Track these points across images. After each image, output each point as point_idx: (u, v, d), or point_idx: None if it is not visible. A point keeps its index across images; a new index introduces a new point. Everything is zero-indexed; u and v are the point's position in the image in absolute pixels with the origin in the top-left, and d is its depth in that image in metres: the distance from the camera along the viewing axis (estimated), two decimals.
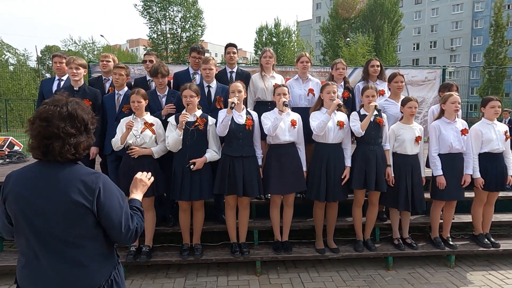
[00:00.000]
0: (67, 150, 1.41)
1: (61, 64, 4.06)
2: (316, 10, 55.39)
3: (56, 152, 1.40)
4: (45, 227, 1.40)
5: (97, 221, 1.46)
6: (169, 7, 29.21)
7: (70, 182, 1.41)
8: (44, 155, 1.42)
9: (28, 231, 1.42)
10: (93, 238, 1.48)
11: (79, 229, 1.43)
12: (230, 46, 4.23)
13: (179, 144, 3.39)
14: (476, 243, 4.02)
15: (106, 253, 1.54)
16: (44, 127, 1.38)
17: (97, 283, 1.48)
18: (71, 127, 1.41)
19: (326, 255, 3.77)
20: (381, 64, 4.41)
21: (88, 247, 1.47)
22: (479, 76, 30.17)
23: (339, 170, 3.63)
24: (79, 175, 1.44)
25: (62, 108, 1.42)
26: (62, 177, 1.42)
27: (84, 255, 1.45)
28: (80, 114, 1.45)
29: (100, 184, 1.45)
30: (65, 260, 1.43)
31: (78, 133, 1.44)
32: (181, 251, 3.67)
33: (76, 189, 1.40)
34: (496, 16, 27.54)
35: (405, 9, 44.24)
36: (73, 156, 1.44)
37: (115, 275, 1.56)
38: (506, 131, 3.86)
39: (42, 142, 1.39)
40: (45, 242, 1.41)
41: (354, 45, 26.11)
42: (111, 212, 1.46)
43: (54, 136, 1.38)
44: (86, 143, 1.49)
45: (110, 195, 1.47)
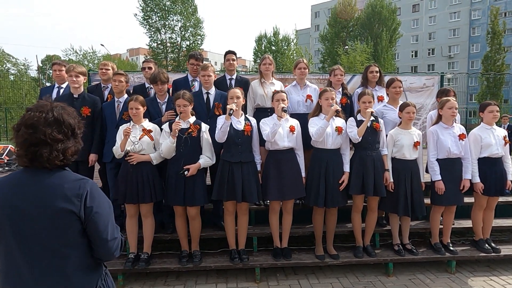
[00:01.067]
0: (55, 156, 1.38)
1: (61, 72, 4.09)
2: (315, 19, 55.94)
3: (44, 159, 1.37)
4: (31, 234, 1.36)
5: (83, 229, 1.42)
6: (168, 17, 29.52)
7: (57, 188, 1.38)
8: (31, 162, 1.38)
9: (13, 240, 1.37)
10: (79, 247, 1.43)
11: (66, 237, 1.39)
12: (229, 54, 4.27)
13: (173, 151, 3.41)
14: (477, 248, 4.00)
15: (92, 264, 1.49)
16: (31, 134, 1.35)
17: None
18: (58, 132, 1.38)
19: (326, 261, 3.75)
20: (380, 70, 4.44)
21: (73, 256, 1.42)
22: (478, 83, 30.36)
23: (338, 176, 3.62)
24: (66, 181, 1.41)
25: (47, 114, 1.38)
26: (49, 183, 1.39)
27: (69, 265, 1.41)
28: (66, 119, 1.42)
29: (87, 188, 1.42)
30: (49, 269, 1.38)
31: (65, 138, 1.41)
32: (179, 258, 3.65)
33: (63, 194, 1.37)
34: (492, 23, 27.83)
35: (402, 17, 44.77)
36: (61, 162, 1.41)
37: (101, 286, 1.51)
38: (505, 136, 3.87)
39: (29, 150, 1.36)
40: (30, 250, 1.37)
41: (353, 53, 26.32)
42: (97, 218, 1.42)
43: (41, 143, 1.35)
44: (74, 148, 1.45)
45: (98, 201, 1.44)
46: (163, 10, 29.31)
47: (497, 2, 41.53)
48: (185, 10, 29.76)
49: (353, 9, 33.25)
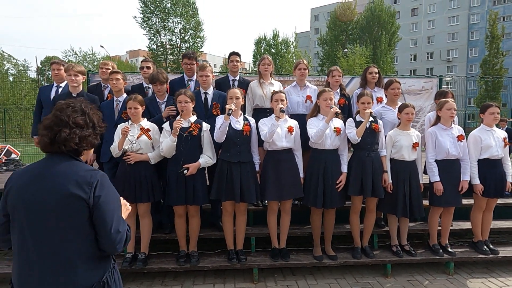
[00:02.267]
0: (71, 138, 1.49)
1: (59, 71, 4.08)
2: (314, 22, 56.15)
3: (62, 139, 1.48)
4: (42, 218, 1.43)
5: (91, 218, 1.47)
6: (168, 19, 29.58)
7: (69, 175, 1.46)
8: (51, 142, 1.49)
9: (26, 226, 1.44)
10: (87, 236, 1.48)
11: (74, 225, 1.45)
12: (233, 55, 4.28)
13: (173, 150, 3.39)
14: (475, 250, 3.99)
15: (99, 256, 1.53)
16: (57, 115, 1.51)
17: (88, 283, 1.47)
18: (80, 119, 1.53)
19: (324, 262, 3.74)
20: (379, 71, 4.45)
21: (82, 245, 1.47)
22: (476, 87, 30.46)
23: (336, 177, 3.62)
24: (79, 170, 1.50)
25: (75, 104, 1.57)
26: (62, 170, 1.48)
27: (77, 253, 1.46)
28: (90, 113, 1.59)
29: (98, 178, 1.50)
30: (57, 256, 1.43)
31: (85, 126, 1.55)
32: (177, 258, 3.63)
33: (74, 181, 1.45)
34: (491, 27, 27.98)
35: (401, 21, 44.90)
36: (76, 146, 1.51)
37: (108, 277, 1.54)
38: (505, 137, 3.87)
39: (52, 130, 1.49)
40: (40, 237, 1.43)
41: (352, 56, 26.41)
42: (105, 208, 1.48)
43: (64, 124, 1.49)
44: (91, 139, 1.57)
45: (107, 191, 1.51)
46: (163, 12, 29.37)
47: (496, 7, 41.80)
48: (186, 13, 29.82)
49: (352, 13, 33.39)
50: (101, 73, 4.28)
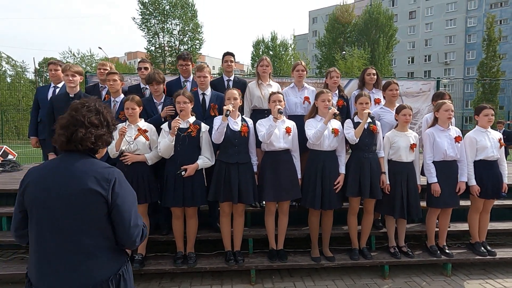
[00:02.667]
0: (88, 138, 1.53)
1: (57, 71, 4.06)
2: (313, 25, 56.34)
3: (78, 138, 1.52)
4: (61, 214, 1.47)
5: (109, 213, 1.52)
6: (167, 21, 29.58)
7: (88, 171, 1.51)
8: (68, 141, 1.53)
9: (44, 220, 1.48)
10: (106, 230, 1.53)
11: (93, 218, 1.49)
12: (227, 55, 4.28)
13: (171, 150, 3.38)
14: (473, 251, 4.00)
15: (116, 249, 1.59)
16: (73, 115, 1.55)
17: (106, 275, 1.51)
18: (95, 119, 1.58)
19: (322, 263, 3.73)
20: (377, 72, 4.46)
21: (99, 238, 1.52)
22: (473, 89, 30.60)
23: (334, 178, 3.61)
24: (96, 167, 1.54)
25: (90, 103, 1.61)
26: (80, 166, 1.52)
27: (95, 246, 1.50)
28: (104, 112, 1.63)
29: (116, 176, 1.55)
30: (76, 250, 1.47)
31: (100, 125, 1.59)
32: (174, 260, 3.61)
33: (93, 178, 1.49)
34: (488, 31, 28.13)
35: (399, 23, 45.14)
36: (92, 145, 1.56)
37: (124, 271, 1.60)
38: (500, 138, 3.88)
39: (68, 130, 1.53)
40: (59, 231, 1.47)
41: (350, 58, 26.47)
42: (123, 205, 1.53)
43: (80, 124, 1.53)
44: (106, 138, 1.62)
45: (124, 188, 1.57)
46: (162, 14, 29.37)
47: (493, 10, 42.07)
48: (184, 15, 29.84)
49: (350, 15, 33.53)
50: (98, 73, 4.28)
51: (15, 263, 3.70)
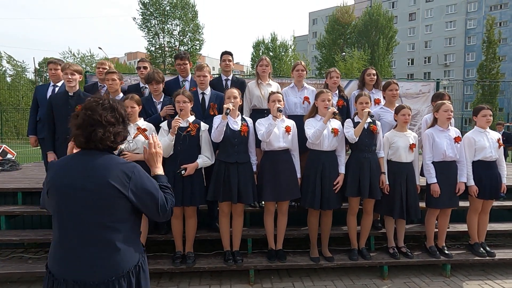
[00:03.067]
0: (107, 137, 1.56)
1: (56, 70, 4.05)
2: (313, 26, 56.40)
3: (97, 138, 1.54)
4: (84, 210, 1.51)
5: (132, 206, 1.57)
6: (167, 21, 29.60)
7: (109, 168, 1.54)
8: (87, 141, 1.55)
9: (67, 215, 1.52)
10: (127, 223, 1.58)
11: (115, 213, 1.54)
12: (225, 54, 4.27)
13: (170, 150, 3.37)
14: (472, 252, 3.99)
15: (136, 240, 1.65)
16: (89, 115, 1.55)
17: (127, 267, 1.56)
18: (111, 117, 1.58)
19: (321, 263, 3.72)
20: (377, 73, 4.47)
21: (121, 231, 1.55)
22: (473, 91, 30.63)
23: (334, 178, 3.61)
24: (117, 163, 1.57)
25: (104, 101, 1.61)
26: (101, 163, 1.55)
27: (117, 239, 1.54)
28: (119, 108, 1.64)
29: (135, 171, 1.58)
30: (99, 242, 1.52)
31: (117, 123, 1.60)
32: (173, 259, 3.61)
33: (114, 174, 1.53)
34: (488, 33, 28.17)
35: (399, 25, 45.19)
36: (112, 143, 1.59)
37: (142, 262, 1.65)
38: (498, 138, 3.88)
39: (86, 130, 1.54)
40: (82, 225, 1.51)
41: (350, 60, 26.48)
42: (146, 199, 1.58)
43: (97, 124, 1.54)
44: (123, 133, 1.64)
45: (145, 182, 1.60)
46: (163, 15, 29.39)
47: (492, 12, 42.14)
48: (185, 15, 29.86)
49: (350, 16, 33.56)
50: (97, 72, 4.28)
51: (13, 262, 3.69)
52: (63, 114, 3.64)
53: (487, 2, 45.23)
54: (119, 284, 1.52)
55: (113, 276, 1.52)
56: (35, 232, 4.01)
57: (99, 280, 1.50)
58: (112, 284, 1.51)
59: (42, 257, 3.87)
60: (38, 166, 6.41)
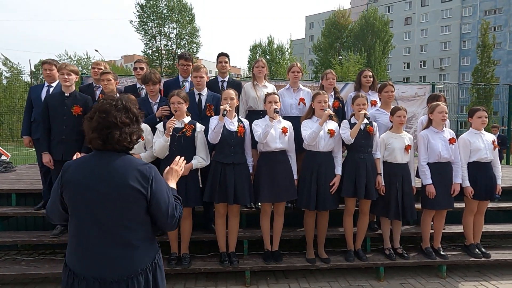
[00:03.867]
0: (124, 138, 1.58)
1: (51, 71, 4.02)
2: (309, 30, 56.68)
3: (114, 140, 1.56)
4: (103, 210, 1.54)
5: (147, 207, 1.60)
6: (164, 24, 29.63)
7: (128, 169, 1.57)
8: (104, 143, 1.57)
9: (85, 214, 1.54)
10: (144, 223, 1.62)
11: (133, 213, 1.57)
12: (222, 56, 4.28)
13: (166, 150, 3.36)
14: (467, 253, 4.00)
15: (152, 239, 1.68)
16: (104, 118, 1.56)
17: (144, 264, 1.60)
18: (126, 117, 1.60)
19: (317, 265, 3.71)
20: (373, 75, 4.50)
21: (138, 230, 1.59)
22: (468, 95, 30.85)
23: (330, 179, 3.61)
24: (135, 164, 1.60)
25: (117, 102, 1.61)
26: (119, 164, 1.58)
27: (135, 238, 1.58)
28: (131, 107, 1.64)
29: (153, 173, 1.61)
30: (117, 241, 1.55)
31: (131, 123, 1.62)
32: (168, 261, 3.58)
33: (133, 176, 1.56)
34: (482, 37, 28.44)
35: (395, 29, 45.57)
36: (128, 144, 1.61)
37: (158, 259, 1.69)
38: (493, 140, 3.91)
39: (102, 132, 1.56)
40: (101, 224, 1.54)
41: (346, 63, 26.62)
42: (160, 200, 1.61)
43: (113, 126, 1.56)
44: (138, 133, 1.66)
45: (161, 184, 1.64)
46: (160, 18, 29.41)
47: (487, 17, 42.58)
48: (182, 18, 29.90)
49: (347, 20, 33.79)
50: (93, 73, 4.26)
51: (6, 265, 3.65)
52: (59, 115, 3.62)
53: (482, 7, 45.74)
54: (137, 281, 1.57)
55: (131, 273, 1.56)
56: (28, 234, 3.97)
57: (118, 277, 1.54)
58: (131, 280, 1.56)
59: (35, 259, 3.83)
60: (33, 168, 6.35)
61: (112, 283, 1.53)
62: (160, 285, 1.68)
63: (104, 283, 1.53)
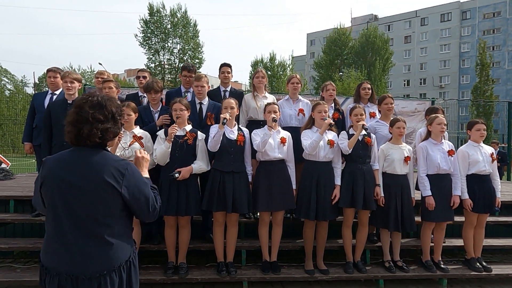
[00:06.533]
0: (94, 134, 1.58)
1: (55, 79, 4.09)
2: (310, 46, 57.52)
3: (85, 135, 1.57)
4: (78, 204, 1.55)
5: (124, 203, 1.61)
6: (168, 39, 30.10)
7: (103, 165, 1.58)
8: (76, 138, 1.59)
9: (61, 209, 1.55)
10: (119, 219, 1.62)
11: (108, 208, 1.57)
12: (224, 66, 4.36)
13: (167, 157, 3.37)
14: (468, 267, 3.95)
15: (128, 236, 1.68)
16: (77, 113, 1.59)
17: (118, 262, 1.59)
18: (99, 114, 1.59)
19: (316, 276, 3.66)
20: (372, 87, 4.55)
21: (113, 227, 1.59)
22: (468, 112, 31.00)
23: (329, 189, 3.61)
24: (110, 160, 1.61)
25: (93, 98, 1.63)
26: (96, 160, 1.59)
27: (110, 234, 1.58)
28: (108, 104, 1.64)
29: (128, 169, 1.62)
30: (92, 237, 1.55)
31: (105, 120, 1.61)
32: (165, 270, 3.54)
33: (108, 171, 1.57)
34: (481, 56, 28.82)
35: (395, 47, 46.20)
36: (100, 140, 1.60)
37: (133, 258, 1.68)
38: (492, 153, 3.92)
39: (75, 127, 1.58)
40: (76, 219, 1.55)
41: (347, 80, 26.91)
42: (138, 195, 1.62)
43: (84, 121, 1.57)
44: (113, 130, 1.66)
45: (137, 179, 1.64)
46: (164, 33, 29.91)
47: (485, 36, 43.24)
48: (185, 34, 30.40)
49: (347, 38, 34.34)
50: (96, 82, 4.32)
51: (1, 272, 3.61)
52: (60, 121, 3.60)
53: (480, 27, 46.52)
54: (110, 278, 1.55)
55: (104, 270, 1.54)
56: (25, 241, 3.94)
57: (91, 274, 1.53)
58: (104, 278, 1.54)
59: (31, 267, 3.79)
60: (32, 177, 6.34)
61: (84, 280, 1.52)
62: (134, 285, 1.66)
63: (77, 279, 1.51)
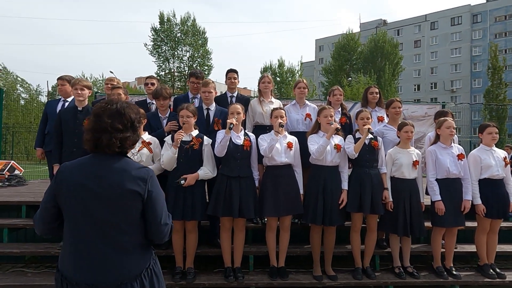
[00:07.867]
0: (113, 143, 1.56)
1: (63, 86, 4.19)
2: (319, 52, 57.55)
3: (104, 144, 1.55)
4: (99, 211, 1.52)
5: (143, 209, 1.59)
6: (178, 47, 30.51)
7: (125, 171, 1.57)
8: (95, 146, 1.58)
9: (81, 216, 1.52)
10: (139, 226, 1.59)
11: (129, 215, 1.56)
12: (231, 72, 4.41)
13: (174, 163, 3.40)
14: (481, 273, 3.85)
15: (147, 244, 1.66)
16: (95, 122, 1.58)
17: (138, 270, 1.57)
18: (118, 123, 1.58)
19: (324, 282, 3.62)
20: (379, 91, 4.52)
21: (134, 234, 1.57)
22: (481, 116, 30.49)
23: (336, 193, 3.59)
24: (132, 167, 1.60)
25: (112, 106, 1.61)
26: (117, 167, 1.57)
27: (130, 242, 1.56)
28: (127, 112, 1.62)
29: (150, 175, 1.61)
30: (112, 245, 1.53)
31: (124, 129, 1.59)
32: (173, 275, 3.55)
33: (130, 177, 1.56)
34: (492, 59, 28.39)
35: (404, 52, 45.86)
36: (119, 149, 1.59)
37: (153, 265, 1.66)
38: (505, 157, 3.83)
39: (93, 135, 1.57)
40: (97, 227, 1.52)
41: (356, 85, 26.77)
42: (156, 203, 1.60)
43: (103, 131, 1.55)
44: (132, 138, 1.64)
45: (157, 187, 1.63)
46: (174, 41, 30.34)
47: (497, 40, 42.65)
48: (195, 42, 30.78)
49: (356, 43, 34.24)
50: (105, 88, 4.41)
51: (12, 276, 3.67)
52: (71, 128, 3.73)
53: (492, 30, 45.92)
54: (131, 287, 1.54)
55: (125, 280, 1.53)
56: (36, 246, 4.00)
57: (112, 283, 1.51)
58: (125, 287, 1.52)
59: (42, 272, 3.84)
60: (44, 183, 6.46)
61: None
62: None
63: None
